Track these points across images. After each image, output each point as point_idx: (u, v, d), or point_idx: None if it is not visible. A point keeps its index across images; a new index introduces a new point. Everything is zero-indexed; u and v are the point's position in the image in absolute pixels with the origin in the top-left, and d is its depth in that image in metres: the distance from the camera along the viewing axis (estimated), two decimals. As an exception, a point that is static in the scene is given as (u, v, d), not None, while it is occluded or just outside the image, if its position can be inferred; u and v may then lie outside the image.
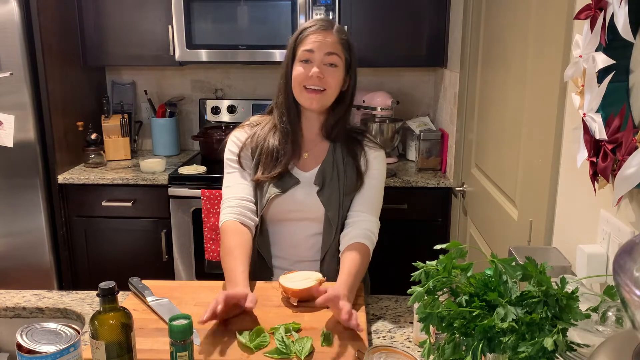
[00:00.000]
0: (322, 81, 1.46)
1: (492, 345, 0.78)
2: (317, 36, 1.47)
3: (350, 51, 1.51)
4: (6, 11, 2.38)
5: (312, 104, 1.49)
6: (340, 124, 1.55)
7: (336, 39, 1.48)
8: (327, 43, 1.46)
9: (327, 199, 1.51)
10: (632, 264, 0.59)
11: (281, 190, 1.51)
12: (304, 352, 1.12)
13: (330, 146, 1.56)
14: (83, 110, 2.86)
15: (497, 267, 0.81)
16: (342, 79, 1.50)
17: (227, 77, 3.15)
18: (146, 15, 2.73)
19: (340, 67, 1.49)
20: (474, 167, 2.20)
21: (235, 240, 1.45)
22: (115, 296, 1.01)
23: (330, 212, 1.51)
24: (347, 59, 1.50)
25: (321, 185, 1.51)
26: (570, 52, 1.21)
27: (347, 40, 1.51)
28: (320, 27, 1.48)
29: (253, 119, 1.63)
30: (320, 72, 1.45)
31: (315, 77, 1.45)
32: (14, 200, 2.55)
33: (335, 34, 1.48)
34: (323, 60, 1.46)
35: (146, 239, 2.68)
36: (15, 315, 1.38)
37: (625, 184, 0.93)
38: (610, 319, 0.85)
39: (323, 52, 1.46)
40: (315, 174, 1.53)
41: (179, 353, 1.02)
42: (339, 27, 1.52)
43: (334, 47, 1.47)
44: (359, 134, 1.60)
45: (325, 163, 1.54)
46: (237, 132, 1.60)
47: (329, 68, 1.47)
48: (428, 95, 3.09)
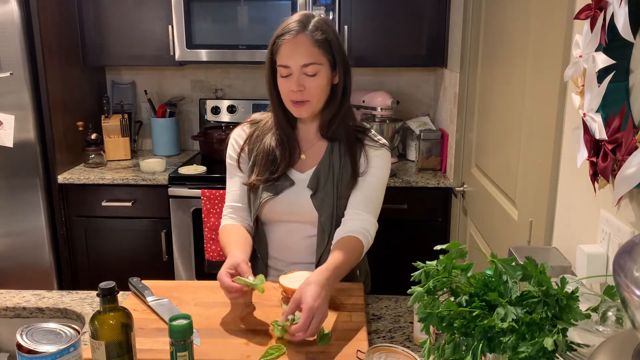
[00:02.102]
0: (304, 94, 1.41)
1: (492, 345, 0.78)
2: (290, 47, 1.39)
3: (331, 48, 1.42)
4: (6, 11, 2.38)
5: (300, 115, 1.46)
6: (338, 120, 1.49)
7: (311, 43, 1.39)
8: (301, 54, 1.38)
9: (320, 203, 1.48)
10: (632, 264, 0.59)
11: (274, 193, 1.49)
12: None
13: (328, 146, 1.52)
14: (83, 110, 2.86)
15: (497, 267, 0.81)
16: (326, 80, 1.43)
17: (227, 77, 3.15)
18: (146, 15, 2.73)
19: (322, 70, 1.41)
20: (474, 167, 2.20)
21: (233, 234, 1.48)
22: (115, 296, 1.01)
23: (322, 216, 1.48)
24: (329, 58, 1.42)
25: (314, 190, 1.48)
26: (570, 52, 1.21)
27: (326, 37, 1.41)
28: (292, 33, 1.39)
29: (254, 116, 1.61)
30: (300, 86, 1.40)
31: (296, 92, 1.41)
32: (14, 200, 2.55)
33: (309, 36, 1.39)
34: (301, 71, 1.39)
35: (146, 239, 2.68)
36: (15, 315, 1.38)
37: (625, 184, 0.92)
38: (610, 319, 0.85)
39: (298, 65, 1.38)
40: (310, 176, 1.50)
41: (179, 353, 1.02)
42: (315, 23, 1.41)
43: (309, 56, 1.39)
44: (360, 132, 1.54)
45: (321, 165, 1.50)
46: (236, 133, 1.59)
47: (308, 78, 1.40)
48: (428, 95, 3.09)
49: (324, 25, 1.43)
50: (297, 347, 1.16)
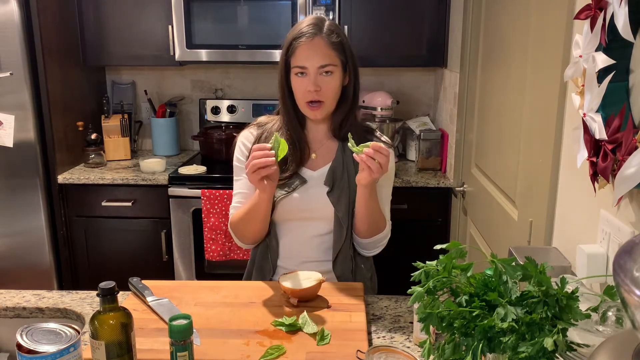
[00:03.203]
0: (319, 94, 1.44)
1: (492, 345, 0.78)
2: (307, 48, 1.43)
3: (344, 50, 1.47)
4: (6, 11, 2.38)
5: (315, 116, 1.49)
6: (348, 122, 1.53)
7: (327, 44, 1.44)
8: (318, 55, 1.43)
9: (337, 199, 1.50)
10: (632, 264, 0.59)
11: (287, 191, 1.51)
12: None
13: (339, 145, 1.55)
14: (83, 110, 2.86)
15: (497, 267, 0.81)
16: (340, 81, 1.48)
17: (227, 77, 3.15)
18: (146, 15, 2.73)
19: (337, 71, 1.46)
20: (474, 167, 2.20)
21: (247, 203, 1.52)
22: (115, 296, 1.01)
23: (340, 212, 1.50)
24: (342, 60, 1.47)
25: (331, 186, 1.51)
26: (570, 52, 1.21)
27: (340, 40, 1.47)
28: (309, 36, 1.43)
29: (261, 119, 1.63)
30: (316, 86, 1.43)
31: (312, 92, 1.44)
32: (14, 200, 2.55)
33: (326, 38, 1.44)
34: (317, 72, 1.44)
35: (146, 239, 2.68)
36: (15, 315, 1.38)
37: (625, 184, 0.92)
38: (610, 319, 0.85)
39: (316, 66, 1.43)
40: (326, 173, 1.52)
41: (179, 353, 1.02)
42: (329, 26, 1.46)
43: (326, 57, 1.43)
44: (368, 132, 1.59)
45: (335, 162, 1.53)
46: (244, 135, 1.59)
47: (324, 78, 1.44)
48: (428, 95, 3.09)
49: (337, 29, 1.49)
50: (297, 347, 1.17)
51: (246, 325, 1.26)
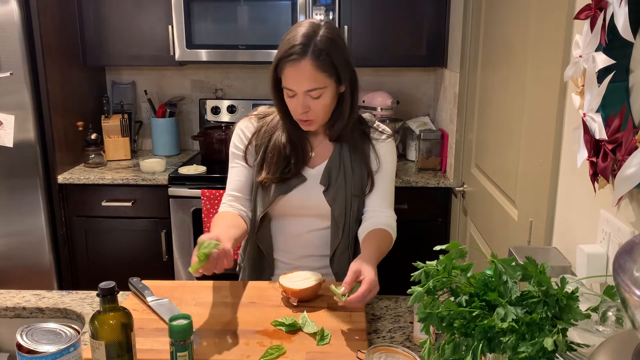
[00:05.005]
0: (309, 114, 1.43)
1: (492, 345, 0.78)
2: (293, 72, 1.38)
3: (335, 67, 1.39)
4: (6, 11, 2.38)
5: (309, 129, 1.49)
6: (346, 126, 1.50)
7: (314, 68, 1.36)
8: (304, 79, 1.37)
9: (333, 199, 1.50)
10: (632, 264, 0.59)
11: (286, 190, 1.51)
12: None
13: (336, 143, 1.54)
14: (83, 110, 2.86)
15: (497, 267, 0.81)
16: (331, 99, 1.43)
17: (227, 77, 3.15)
18: (146, 15, 2.73)
19: (327, 92, 1.41)
20: (474, 167, 2.20)
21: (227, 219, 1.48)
22: (115, 296, 1.01)
23: (336, 211, 1.51)
24: (334, 79, 1.41)
25: (327, 186, 1.51)
26: (570, 52, 1.21)
27: (330, 60, 1.37)
28: (295, 58, 1.36)
29: (261, 109, 1.61)
30: (305, 107, 1.41)
31: (302, 114, 1.43)
32: (14, 200, 2.55)
33: (311, 60, 1.35)
34: (305, 94, 1.40)
35: (146, 239, 2.68)
36: (15, 315, 1.38)
37: (625, 184, 0.92)
38: (610, 319, 0.85)
39: (302, 90, 1.39)
40: (322, 172, 1.52)
41: (179, 353, 1.02)
42: (320, 42, 1.36)
43: (312, 82, 1.37)
44: (365, 126, 1.57)
45: (331, 161, 1.52)
46: (243, 124, 1.58)
47: (312, 100, 1.41)
48: (428, 95, 3.09)
49: (328, 44, 1.38)
50: (297, 347, 1.17)
51: (246, 325, 1.26)
